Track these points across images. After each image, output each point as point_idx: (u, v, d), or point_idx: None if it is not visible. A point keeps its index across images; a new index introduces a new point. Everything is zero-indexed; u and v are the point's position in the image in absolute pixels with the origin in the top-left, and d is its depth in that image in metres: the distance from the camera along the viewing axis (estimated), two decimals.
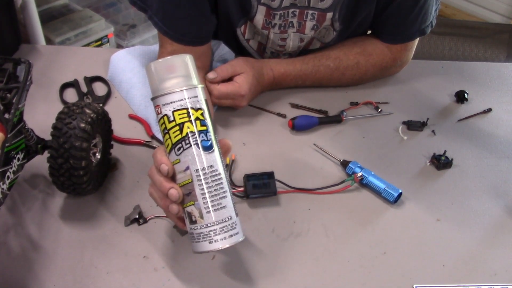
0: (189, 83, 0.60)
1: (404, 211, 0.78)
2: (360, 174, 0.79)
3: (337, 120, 0.93)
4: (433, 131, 0.93)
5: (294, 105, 0.97)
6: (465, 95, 1.00)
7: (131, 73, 0.96)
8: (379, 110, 0.97)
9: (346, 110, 0.95)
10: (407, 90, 1.03)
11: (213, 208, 0.59)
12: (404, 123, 0.94)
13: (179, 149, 0.59)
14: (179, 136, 0.59)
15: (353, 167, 0.81)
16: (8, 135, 0.62)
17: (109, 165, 0.80)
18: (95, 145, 0.75)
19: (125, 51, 1.01)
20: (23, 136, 0.68)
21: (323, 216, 0.76)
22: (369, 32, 1.05)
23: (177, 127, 0.59)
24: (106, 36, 2.10)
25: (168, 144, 0.60)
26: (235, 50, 1.01)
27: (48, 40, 1.90)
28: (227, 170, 0.81)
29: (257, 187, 0.76)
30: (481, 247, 0.74)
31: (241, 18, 0.95)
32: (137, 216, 0.73)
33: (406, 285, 0.68)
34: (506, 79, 1.09)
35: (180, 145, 0.59)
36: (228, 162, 0.82)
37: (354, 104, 0.98)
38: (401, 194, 0.78)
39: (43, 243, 0.69)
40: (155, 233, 0.72)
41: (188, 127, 0.59)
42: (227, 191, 0.61)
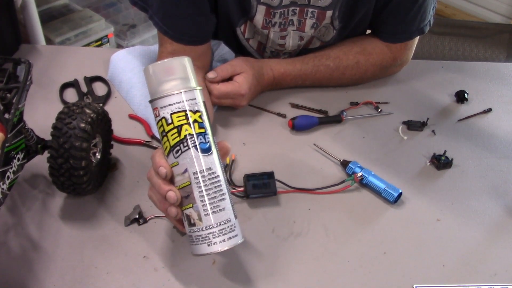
0: (187, 85, 0.59)
1: (404, 211, 0.78)
2: (360, 174, 0.79)
3: (337, 120, 0.93)
4: (433, 131, 0.93)
5: (294, 105, 0.97)
6: (465, 95, 1.00)
7: (131, 73, 0.96)
8: (379, 110, 0.97)
9: (346, 110, 0.95)
10: (407, 90, 1.03)
11: (211, 210, 0.59)
12: (404, 123, 0.94)
13: (177, 151, 0.59)
14: (177, 138, 0.59)
15: (353, 167, 0.81)
16: (8, 135, 0.62)
17: (109, 165, 0.80)
18: (95, 145, 0.75)
19: (125, 51, 1.01)
20: (23, 136, 0.68)
21: (323, 216, 0.76)
22: (369, 31, 1.05)
23: (175, 130, 0.58)
24: (106, 36, 2.10)
25: (166, 146, 0.60)
26: (235, 49, 1.01)
27: (48, 40, 1.90)
28: (227, 170, 0.81)
29: (257, 187, 0.76)
30: (481, 247, 0.74)
31: (241, 17, 0.95)
32: (137, 216, 0.73)
33: (406, 285, 0.68)
34: (506, 79, 1.09)
35: (178, 147, 0.59)
36: (228, 162, 0.82)
37: (354, 104, 0.98)
38: (401, 194, 0.78)
39: (43, 243, 0.69)
40: (155, 233, 0.72)
41: (186, 130, 0.58)
42: (226, 193, 0.60)
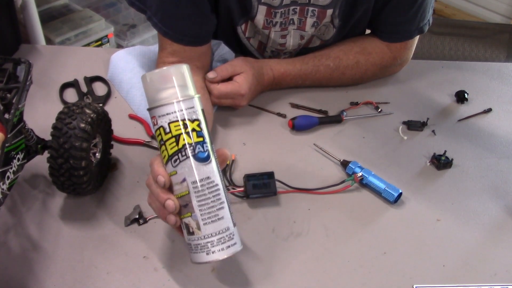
0: (185, 94, 0.59)
1: (404, 211, 0.78)
2: (360, 174, 0.79)
3: (337, 120, 0.93)
4: (433, 131, 0.93)
5: (294, 105, 0.97)
6: (465, 95, 1.00)
7: (131, 73, 0.96)
8: (379, 110, 0.97)
9: (346, 110, 0.95)
10: (407, 90, 1.03)
11: (210, 219, 0.59)
12: (404, 123, 0.94)
13: (176, 160, 0.58)
14: (176, 148, 0.58)
15: (353, 167, 0.81)
16: (8, 135, 0.62)
17: (109, 165, 0.80)
18: (95, 145, 0.75)
19: (125, 51, 1.01)
20: (23, 136, 0.68)
21: (323, 216, 0.76)
22: (369, 31, 1.05)
23: (173, 139, 0.58)
24: (106, 36, 2.10)
25: (164, 155, 0.59)
26: (236, 48, 1.01)
27: (48, 40, 1.90)
28: (227, 170, 0.81)
29: (257, 187, 0.76)
30: (481, 247, 0.74)
31: (242, 17, 0.95)
32: (137, 216, 0.73)
33: (406, 285, 0.68)
34: (506, 79, 1.09)
35: (176, 157, 0.58)
36: (228, 162, 0.82)
37: (354, 104, 0.97)
38: (401, 194, 0.78)
39: (43, 243, 0.69)
40: (155, 233, 0.72)
41: (184, 139, 0.58)
42: (224, 201, 0.60)
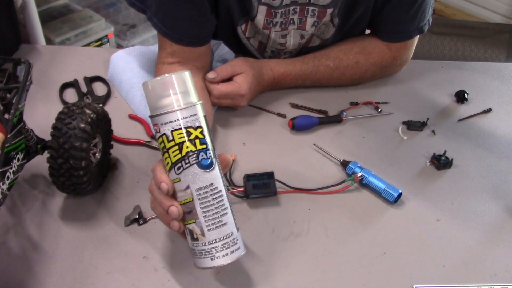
0: (187, 101, 0.58)
1: (404, 211, 0.78)
2: (360, 174, 0.79)
3: (337, 120, 0.93)
4: (433, 131, 0.93)
5: (294, 105, 0.97)
6: (465, 95, 1.00)
7: (131, 73, 0.96)
8: (379, 110, 0.97)
9: (346, 110, 0.95)
10: (407, 90, 1.03)
11: (214, 226, 0.59)
12: (404, 123, 0.94)
13: (179, 168, 0.58)
14: (179, 155, 0.58)
15: (353, 167, 0.81)
16: (8, 136, 0.62)
17: (109, 165, 0.80)
18: (95, 145, 0.75)
19: (125, 51, 1.01)
20: (23, 136, 0.68)
21: (323, 216, 0.76)
22: (369, 31, 1.05)
23: (177, 147, 0.58)
24: (106, 36, 2.10)
25: (167, 162, 0.59)
26: (236, 48, 1.01)
27: (48, 40, 1.90)
28: (227, 170, 0.81)
29: (257, 187, 0.76)
30: (481, 247, 0.74)
31: (242, 17, 0.95)
32: (137, 216, 0.73)
33: (406, 285, 0.68)
34: (506, 79, 1.09)
35: (180, 164, 0.58)
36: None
37: (354, 104, 0.97)
38: (401, 194, 0.78)
39: (43, 243, 0.69)
40: (155, 233, 0.72)
41: (187, 147, 0.58)
42: (228, 207, 0.60)
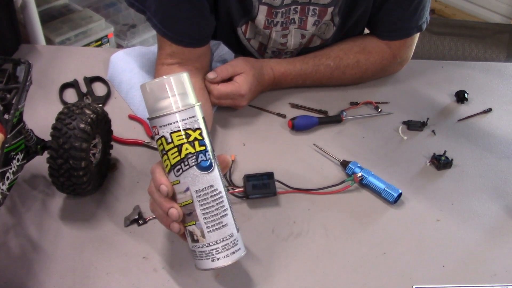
0: (186, 103, 0.58)
1: (404, 211, 0.78)
2: (360, 174, 0.79)
3: (337, 120, 0.93)
4: (433, 131, 0.93)
5: (294, 105, 0.97)
6: (465, 95, 1.00)
7: (131, 73, 0.96)
8: (379, 110, 0.97)
9: (346, 110, 0.95)
10: (407, 90, 1.03)
11: (214, 227, 0.59)
12: (404, 123, 0.94)
13: (178, 170, 0.58)
14: (178, 157, 0.58)
15: (353, 167, 0.81)
16: (7, 136, 0.62)
17: (108, 165, 0.80)
18: (95, 146, 0.75)
19: (125, 51, 1.01)
20: (22, 136, 0.68)
21: (323, 216, 0.76)
22: (368, 32, 1.05)
23: (176, 149, 0.57)
24: (106, 36, 2.10)
25: (167, 164, 0.59)
26: (235, 49, 1.01)
27: (48, 40, 1.90)
28: (227, 170, 0.81)
29: (257, 187, 0.76)
30: (481, 247, 0.74)
31: (242, 17, 0.95)
32: (137, 216, 0.73)
33: (406, 285, 0.68)
34: (506, 79, 1.09)
35: (179, 166, 0.58)
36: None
37: (354, 104, 0.97)
38: (401, 194, 0.78)
39: (43, 244, 0.69)
40: (155, 234, 0.72)
41: (186, 149, 0.57)
42: (228, 208, 0.60)
